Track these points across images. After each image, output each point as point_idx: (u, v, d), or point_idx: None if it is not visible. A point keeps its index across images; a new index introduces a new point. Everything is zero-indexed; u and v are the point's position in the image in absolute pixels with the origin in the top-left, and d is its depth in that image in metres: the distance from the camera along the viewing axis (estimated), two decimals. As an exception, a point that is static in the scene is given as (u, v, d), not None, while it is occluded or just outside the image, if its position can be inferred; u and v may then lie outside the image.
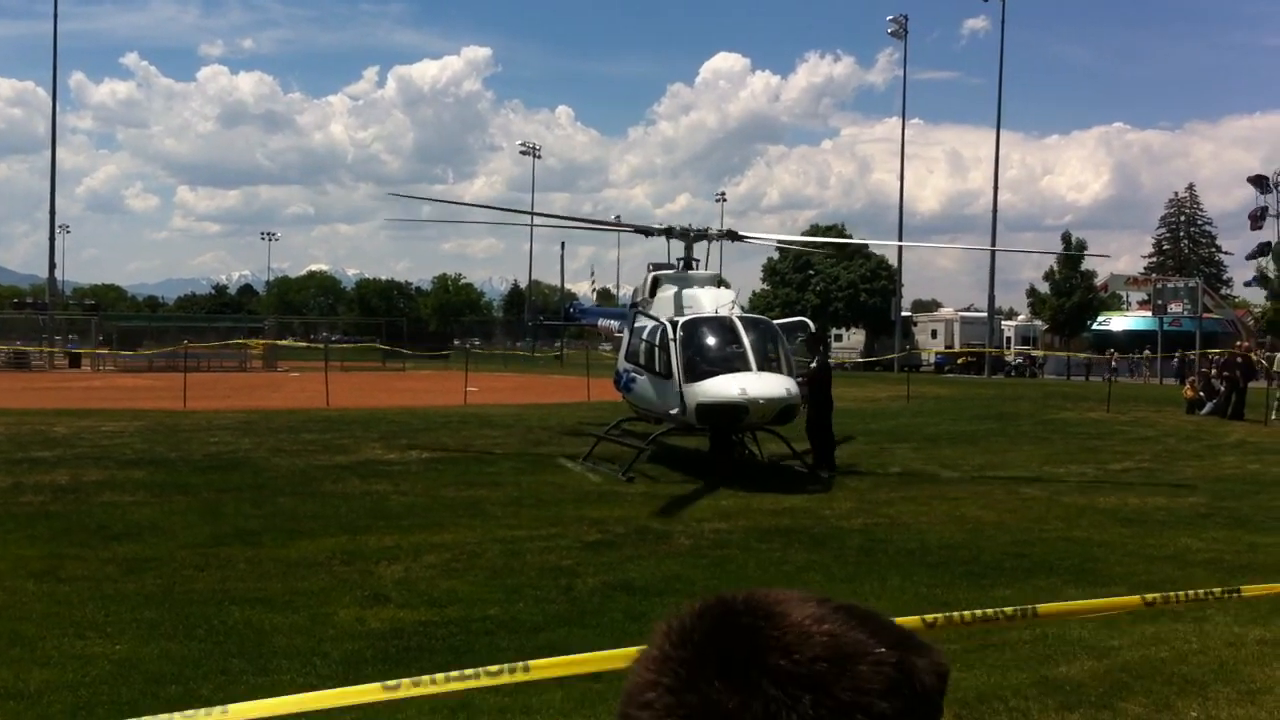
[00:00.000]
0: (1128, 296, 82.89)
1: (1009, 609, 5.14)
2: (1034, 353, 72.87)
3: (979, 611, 5.00)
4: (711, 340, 18.15)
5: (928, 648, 1.04)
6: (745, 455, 19.55)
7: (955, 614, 4.77)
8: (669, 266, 21.61)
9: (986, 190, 76.33)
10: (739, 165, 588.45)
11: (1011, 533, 13.55)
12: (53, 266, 72.49)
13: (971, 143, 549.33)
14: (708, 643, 1.01)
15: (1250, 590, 6.73)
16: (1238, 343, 44.50)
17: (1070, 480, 18.69)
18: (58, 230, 76.50)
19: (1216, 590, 6.37)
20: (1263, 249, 79.31)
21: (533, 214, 58.98)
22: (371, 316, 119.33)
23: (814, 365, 20.19)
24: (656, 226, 22.25)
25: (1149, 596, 5.44)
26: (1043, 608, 5.35)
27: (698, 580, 10.68)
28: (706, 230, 21.61)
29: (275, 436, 22.97)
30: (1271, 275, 74.84)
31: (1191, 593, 5.72)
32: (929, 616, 4.67)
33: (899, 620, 1.13)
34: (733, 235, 22.80)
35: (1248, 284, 78.49)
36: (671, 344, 17.86)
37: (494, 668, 4.48)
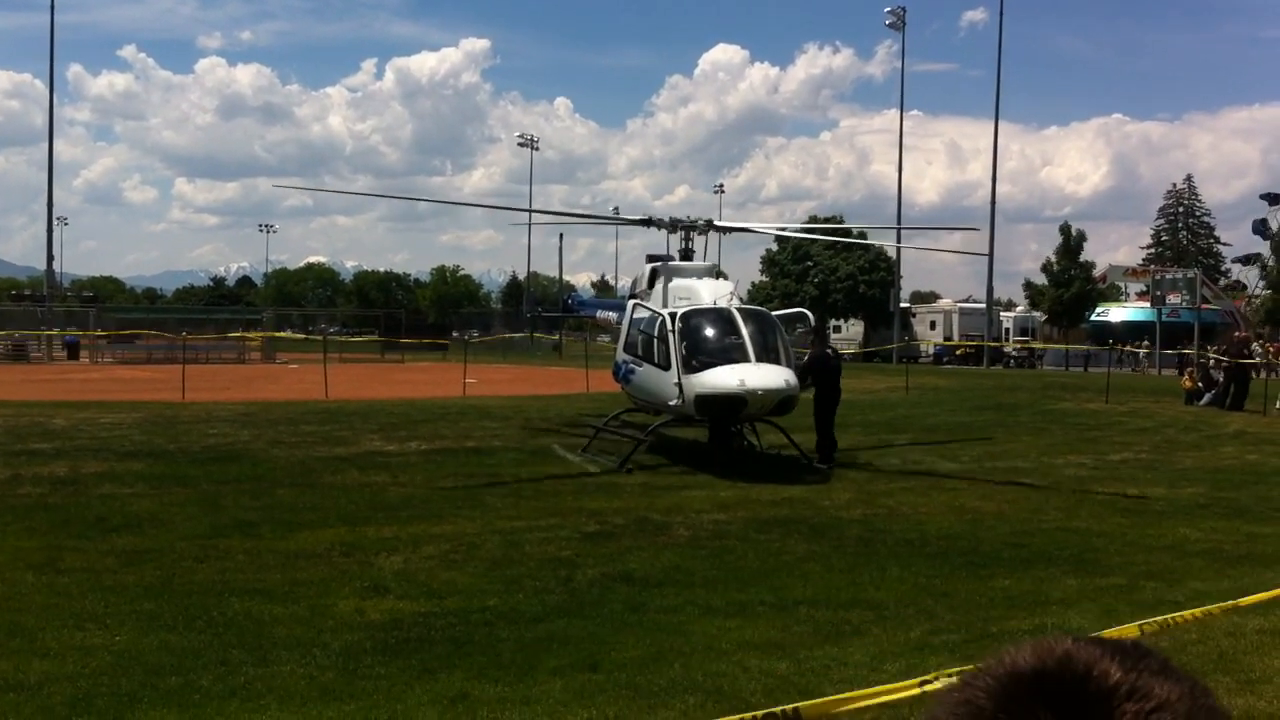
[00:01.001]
0: (1126, 288, 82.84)
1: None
2: (1032, 345, 72.92)
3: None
4: (710, 332, 18.16)
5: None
6: (744, 446, 19.55)
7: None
8: (668, 258, 21.62)
9: (985, 182, 76.50)
10: (738, 157, 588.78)
11: (1010, 523, 13.56)
12: (50, 258, 72.32)
13: (970, 134, 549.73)
14: None
15: (1248, 600, 6.74)
16: (1236, 333, 44.48)
17: (1069, 470, 18.69)
18: (55, 222, 76.44)
19: (1215, 609, 6.37)
20: (1249, 259, 79.21)
21: (530, 210, 58.89)
22: (370, 308, 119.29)
23: (811, 353, 20.11)
24: (654, 218, 22.26)
25: (1148, 623, 5.44)
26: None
27: (697, 571, 10.69)
28: (696, 221, 21.54)
29: (274, 428, 22.98)
30: (1270, 264, 74.68)
31: (1190, 614, 5.72)
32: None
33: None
34: (714, 226, 22.73)
35: (1228, 287, 78.41)
36: (670, 335, 17.86)
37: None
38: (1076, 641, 1.04)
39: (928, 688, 4.04)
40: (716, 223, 22.52)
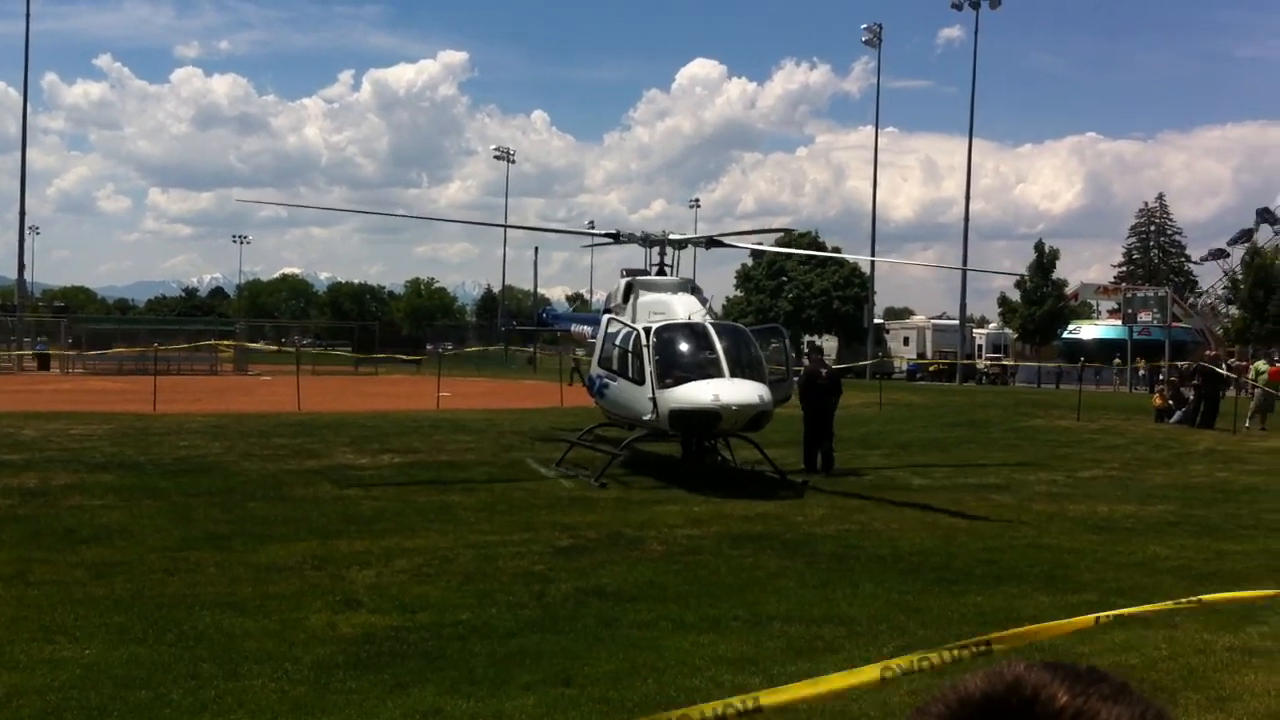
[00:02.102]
0: (1098, 305, 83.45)
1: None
2: (1005, 362, 73.26)
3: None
4: (685, 346, 18.20)
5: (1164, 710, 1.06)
6: (718, 461, 19.58)
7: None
8: (642, 272, 21.66)
9: (960, 198, 76.50)
10: (714, 171, 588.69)
11: (983, 539, 13.61)
12: (21, 268, 71.88)
13: (946, 151, 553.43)
14: None
15: (1211, 598, 6.79)
16: (1207, 351, 44.83)
17: (1040, 487, 18.78)
18: (27, 232, 76.05)
19: (1176, 603, 6.41)
20: (1243, 234, 79.76)
21: (506, 226, 59.02)
22: (343, 320, 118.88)
23: (806, 370, 20.90)
24: (628, 233, 22.30)
25: (1104, 615, 5.46)
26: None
27: (670, 586, 10.68)
28: (669, 235, 21.60)
29: (246, 440, 22.87)
30: (1242, 285, 75.38)
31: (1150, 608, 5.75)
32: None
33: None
34: (710, 241, 22.78)
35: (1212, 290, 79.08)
36: (645, 350, 17.87)
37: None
38: (1030, 667, 1.06)
39: (887, 673, 4.05)
40: (678, 236, 22.63)
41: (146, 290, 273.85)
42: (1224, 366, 37.60)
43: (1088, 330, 78.21)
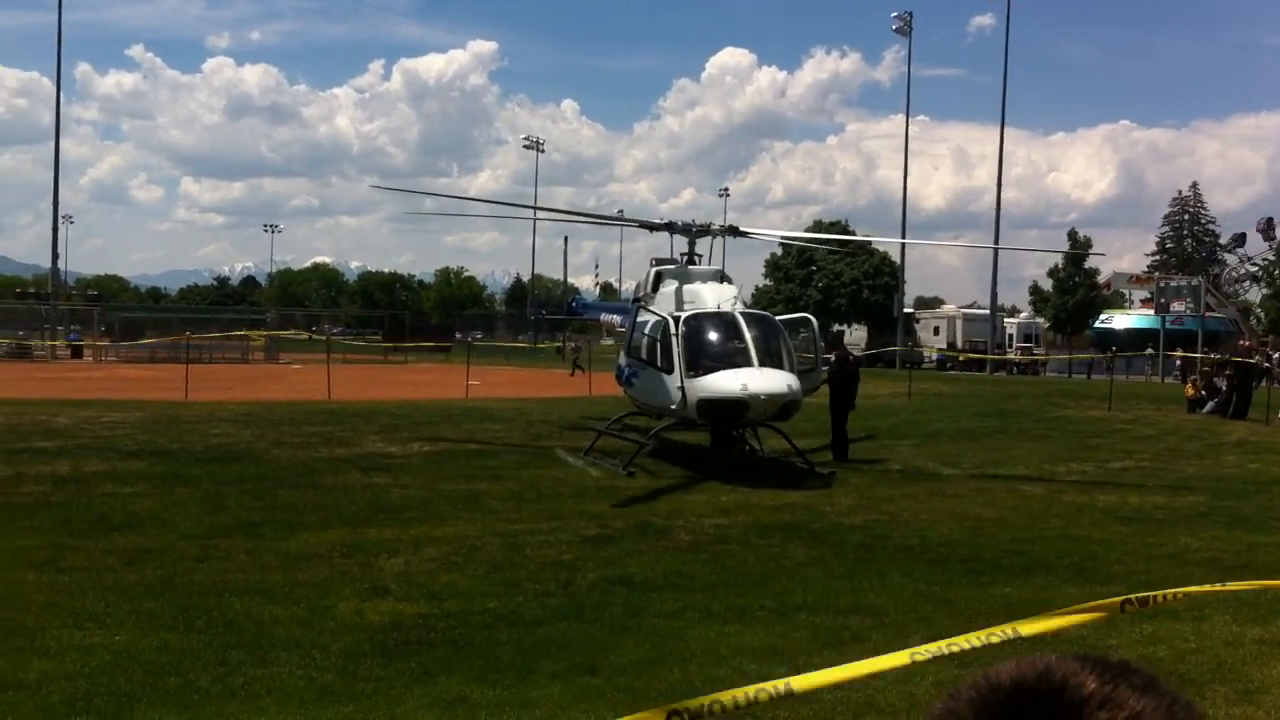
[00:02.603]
0: (1130, 294, 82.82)
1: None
2: (1035, 356, 72.90)
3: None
4: (713, 336, 18.17)
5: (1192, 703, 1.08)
6: (746, 451, 19.55)
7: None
8: (672, 261, 21.64)
9: (992, 187, 76.06)
10: (744, 160, 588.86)
11: (1011, 530, 13.55)
12: (55, 257, 72.62)
13: (977, 140, 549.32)
14: None
15: (1236, 585, 6.73)
16: (1240, 341, 44.45)
17: (1070, 478, 18.69)
18: (61, 221, 76.74)
19: (1183, 591, 6.36)
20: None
21: (535, 208, 58.90)
22: (374, 309, 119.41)
23: (835, 361, 21.15)
24: (659, 221, 22.28)
25: (1131, 597, 5.41)
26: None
27: (697, 575, 10.69)
28: (709, 225, 21.59)
29: (276, 429, 23.01)
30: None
31: (1173, 592, 5.70)
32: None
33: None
34: (735, 231, 22.74)
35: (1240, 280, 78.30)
36: (673, 339, 17.85)
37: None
38: (1061, 658, 1.07)
39: (917, 658, 4.05)
40: (741, 228, 22.61)
41: (179, 279, 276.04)
42: (1257, 357, 37.20)
43: (1120, 320, 77.65)
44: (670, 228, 21.89)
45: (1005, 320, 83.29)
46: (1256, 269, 76.75)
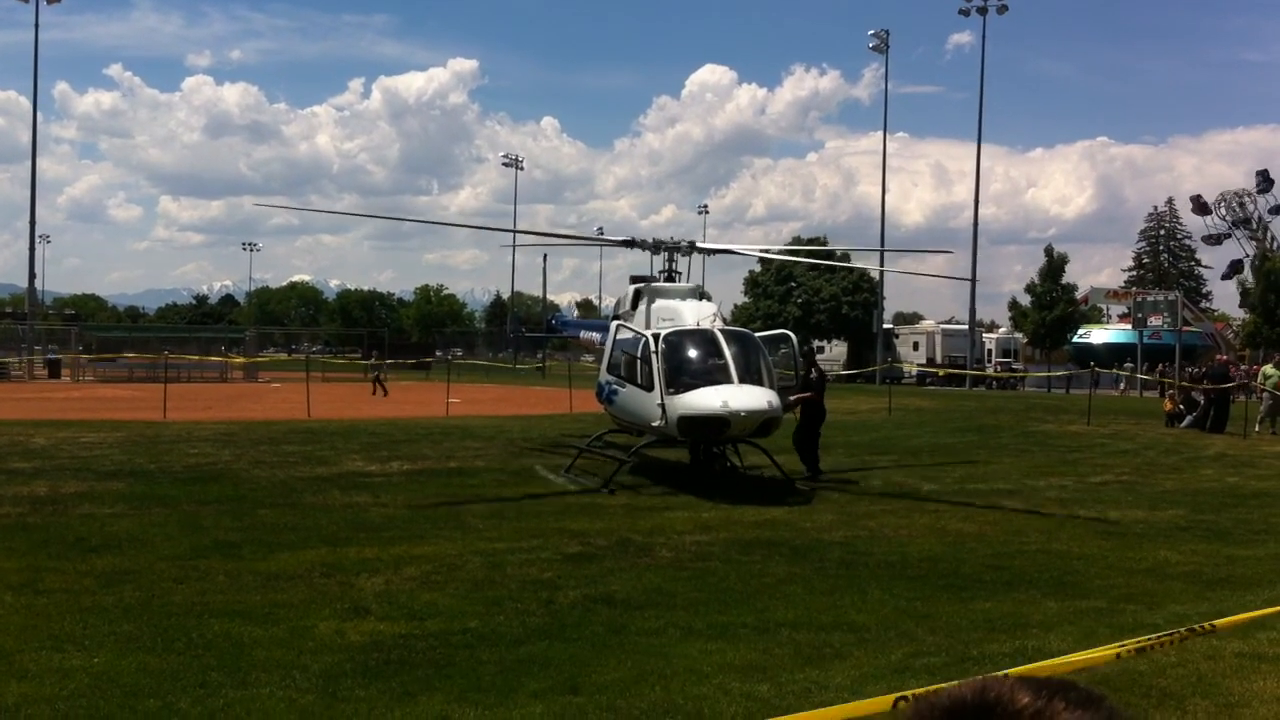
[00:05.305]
0: (1108, 309, 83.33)
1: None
2: (1013, 371, 73.22)
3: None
4: (693, 353, 18.19)
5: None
6: (726, 467, 19.57)
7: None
8: (651, 279, 21.65)
9: (971, 203, 76.46)
10: (724, 177, 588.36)
11: (992, 545, 13.58)
12: (33, 276, 72.14)
13: (956, 156, 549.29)
14: None
15: (1223, 623, 6.77)
16: (1218, 355, 44.71)
17: (1050, 493, 18.74)
18: (38, 240, 76.34)
19: (1187, 629, 6.40)
20: (1235, 266, 79.88)
21: (515, 231, 58.86)
22: (353, 327, 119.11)
23: (814, 377, 20.85)
24: (637, 239, 22.28)
25: (1126, 645, 5.46)
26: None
27: (678, 593, 10.67)
28: (677, 243, 21.52)
29: (255, 448, 22.92)
30: (1250, 288, 75.30)
31: (1167, 635, 5.73)
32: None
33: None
34: (694, 247, 22.70)
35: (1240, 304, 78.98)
36: (653, 356, 17.87)
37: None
38: (1000, 678, 1.12)
39: (902, 705, 4.07)
40: (699, 244, 22.51)
41: (157, 298, 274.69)
42: (1234, 370, 37.45)
43: (1098, 335, 78.11)
44: (630, 244, 21.99)
45: (984, 335, 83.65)
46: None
